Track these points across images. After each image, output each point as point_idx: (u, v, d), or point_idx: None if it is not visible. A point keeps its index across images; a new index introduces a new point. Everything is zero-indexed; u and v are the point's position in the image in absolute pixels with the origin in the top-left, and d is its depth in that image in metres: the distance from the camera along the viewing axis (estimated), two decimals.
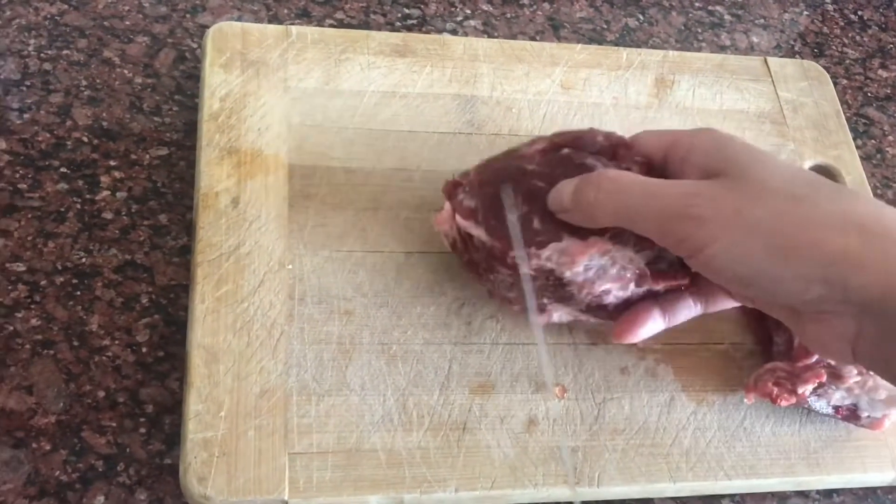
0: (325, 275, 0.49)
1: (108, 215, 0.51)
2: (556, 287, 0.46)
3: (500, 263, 0.46)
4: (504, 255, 0.45)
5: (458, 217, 0.46)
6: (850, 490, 0.52)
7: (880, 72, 0.74)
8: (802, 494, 0.51)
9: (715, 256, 0.40)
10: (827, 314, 0.39)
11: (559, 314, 0.48)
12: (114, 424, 0.45)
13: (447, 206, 0.47)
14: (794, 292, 0.39)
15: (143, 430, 0.46)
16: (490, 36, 0.65)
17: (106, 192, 0.52)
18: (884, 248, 0.37)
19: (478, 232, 0.46)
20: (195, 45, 0.59)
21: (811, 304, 0.39)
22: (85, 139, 0.54)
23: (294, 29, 0.57)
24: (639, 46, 0.67)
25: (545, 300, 0.47)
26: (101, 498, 0.43)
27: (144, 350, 0.48)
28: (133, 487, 0.44)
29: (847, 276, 0.37)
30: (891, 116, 0.72)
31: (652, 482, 0.48)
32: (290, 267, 0.49)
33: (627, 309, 0.47)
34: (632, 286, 0.46)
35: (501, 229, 0.45)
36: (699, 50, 0.70)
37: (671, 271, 0.46)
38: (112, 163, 0.53)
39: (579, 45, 0.62)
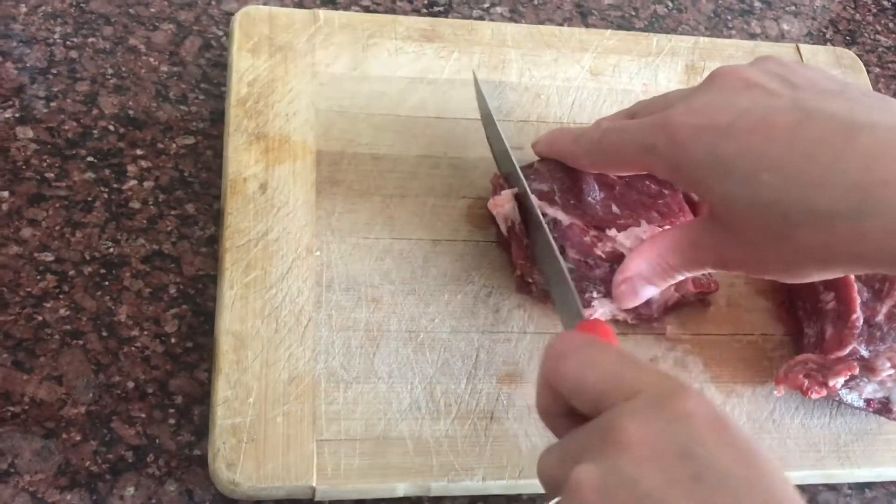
0: (352, 262, 0.49)
1: (136, 205, 0.51)
2: (604, 282, 0.46)
3: (575, 243, 0.46)
4: (583, 233, 0.46)
5: (532, 197, 0.47)
6: (882, 485, 0.51)
7: None
8: (834, 489, 0.51)
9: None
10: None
11: (603, 310, 0.48)
12: (143, 415, 0.45)
13: (506, 190, 0.48)
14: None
15: (172, 421, 0.46)
16: (517, 23, 0.64)
17: (133, 182, 0.52)
18: None
19: (553, 211, 0.46)
20: (220, 33, 0.59)
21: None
22: (111, 128, 0.54)
23: (321, 13, 0.56)
24: (668, 33, 0.66)
25: (593, 293, 0.47)
26: (132, 489, 0.44)
27: (173, 340, 0.48)
28: (163, 478, 0.44)
29: None
30: None
31: None
32: (318, 253, 0.48)
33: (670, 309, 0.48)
34: (672, 290, 0.47)
35: (581, 208, 0.46)
36: (729, 37, 0.69)
37: (704, 278, 0.49)
38: (139, 152, 0.53)
39: (608, 31, 0.61)
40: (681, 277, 0.44)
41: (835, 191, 0.36)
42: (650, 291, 0.45)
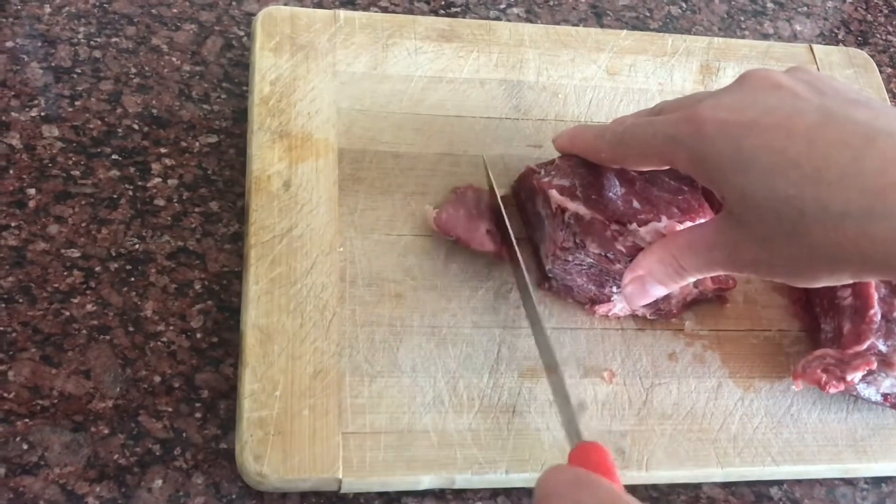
0: (375, 258, 0.49)
1: (160, 202, 0.52)
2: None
3: (596, 238, 0.47)
4: (604, 228, 0.46)
5: (552, 193, 0.48)
6: None
7: None
8: (850, 483, 0.51)
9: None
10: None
11: (622, 306, 0.49)
12: (170, 409, 0.46)
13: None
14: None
15: (198, 415, 0.46)
16: (533, 23, 0.65)
17: (157, 179, 0.53)
18: None
19: (575, 206, 0.47)
20: (242, 33, 0.60)
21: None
22: (135, 126, 0.54)
23: (342, 13, 0.57)
24: (682, 34, 0.67)
25: (613, 288, 0.48)
26: (159, 482, 0.44)
27: (199, 336, 0.48)
28: (190, 472, 0.45)
29: None
30: None
31: (700, 467, 0.48)
32: (342, 249, 0.49)
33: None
34: (690, 286, 0.48)
35: (602, 203, 0.47)
36: (742, 38, 0.70)
37: (723, 276, 0.50)
38: (162, 150, 0.54)
39: (624, 31, 0.62)
40: (691, 279, 0.45)
41: (849, 191, 0.37)
42: (659, 292, 0.45)
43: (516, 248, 0.49)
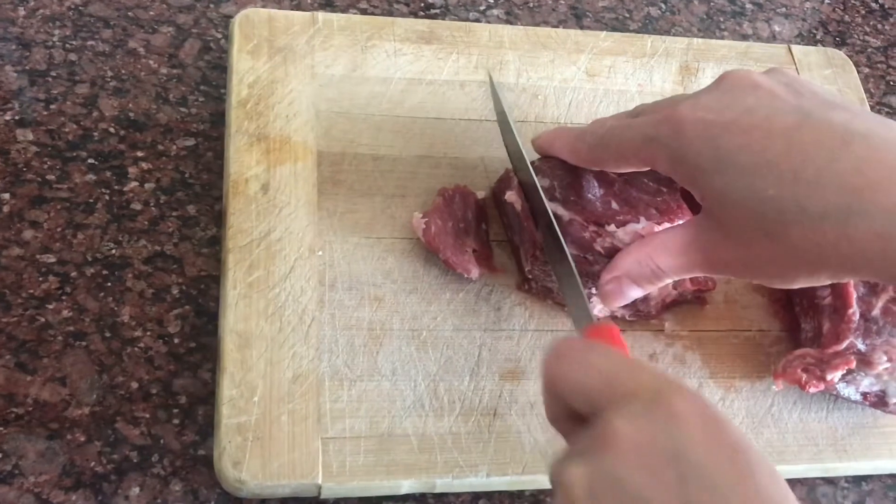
0: (354, 261, 0.49)
1: (137, 206, 0.51)
2: None
3: (575, 239, 0.47)
4: (583, 229, 0.47)
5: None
6: (879, 478, 0.52)
7: None
8: (831, 483, 0.51)
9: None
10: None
11: (601, 307, 0.49)
12: (147, 415, 0.46)
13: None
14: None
15: (176, 422, 0.46)
16: (513, 25, 0.65)
17: (134, 183, 0.52)
18: None
19: (553, 207, 0.47)
20: (219, 36, 0.59)
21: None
22: (112, 130, 0.54)
23: (320, 15, 0.57)
24: (662, 35, 0.67)
25: (592, 289, 0.48)
26: (137, 489, 0.44)
27: (176, 341, 0.48)
28: (168, 478, 0.44)
29: None
30: None
31: None
32: (321, 253, 0.49)
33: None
34: (670, 287, 0.48)
35: (581, 204, 0.47)
36: (721, 38, 0.70)
37: (702, 277, 0.50)
38: (139, 154, 0.53)
39: (604, 33, 0.62)
40: (668, 281, 0.45)
41: (827, 191, 0.37)
42: (636, 293, 0.45)
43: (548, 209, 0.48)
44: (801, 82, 0.42)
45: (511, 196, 0.49)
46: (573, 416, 0.35)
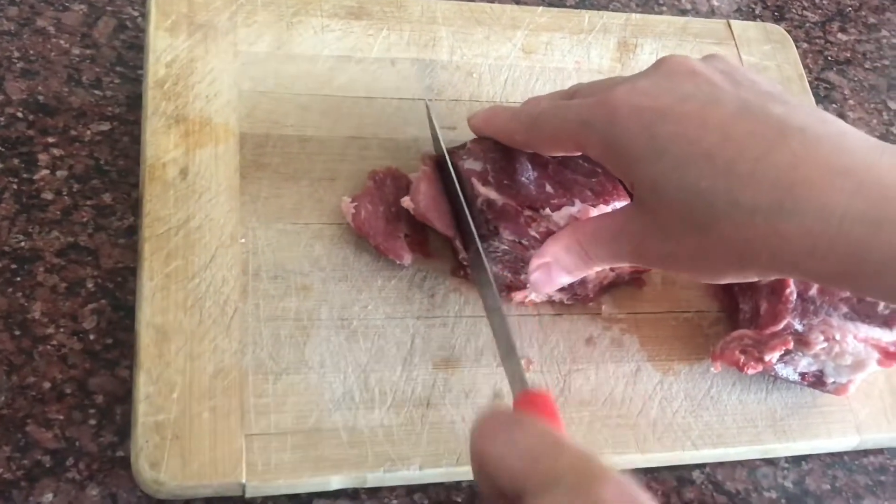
0: (280, 248, 0.47)
1: (48, 195, 0.49)
2: None
3: (510, 224, 0.45)
4: (517, 214, 0.45)
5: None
6: (818, 457, 0.52)
7: (839, 35, 0.74)
8: (771, 463, 0.51)
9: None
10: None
11: (537, 292, 0.47)
12: (61, 417, 0.43)
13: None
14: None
15: (92, 422, 0.43)
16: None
17: (45, 171, 0.49)
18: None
19: (487, 191, 0.45)
20: (136, 13, 0.56)
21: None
22: (20, 115, 0.51)
23: None
24: (599, 10, 0.65)
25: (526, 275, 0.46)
26: (50, 495, 0.41)
27: (92, 337, 0.45)
28: (84, 483, 0.42)
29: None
30: (850, 80, 0.71)
31: (619, 453, 0.47)
32: (243, 241, 0.46)
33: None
34: (607, 269, 0.47)
35: (515, 188, 0.45)
36: (660, 13, 0.69)
37: None
38: (50, 140, 0.50)
39: (540, 8, 0.60)
40: (597, 269, 0.44)
41: (760, 185, 0.36)
42: (565, 280, 0.44)
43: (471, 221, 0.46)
44: (740, 71, 0.41)
45: (406, 202, 0.47)
46: (502, 493, 0.33)
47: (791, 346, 0.48)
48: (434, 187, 0.47)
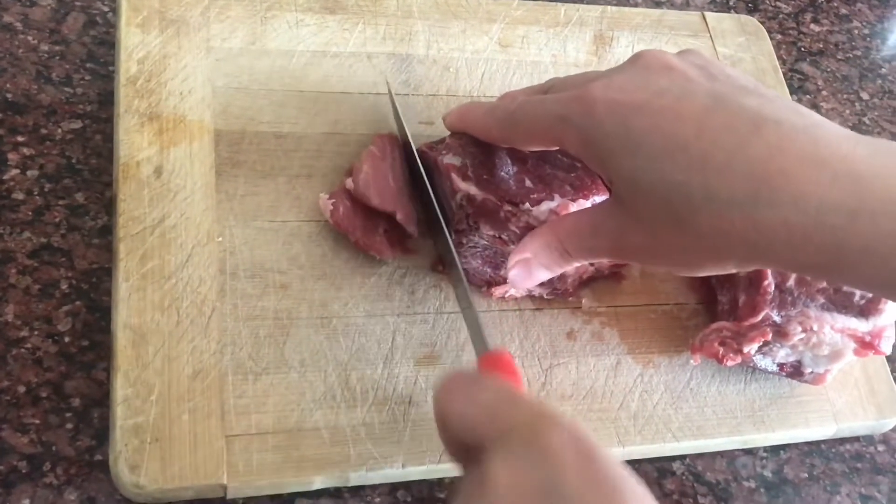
0: (257, 247, 0.46)
1: (19, 196, 0.48)
2: None
3: (489, 219, 0.45)
4: (497, 209, 0.45)
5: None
6: (796, 446, 0.52)
7: (812, 26, 0.74)
8: (750, 453, 0.51)
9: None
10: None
11: (516, 288, 0.47)
12: (37, 421, 0.42)
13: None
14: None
15: (69, 426, 0.43)
16: None
17: (15, 171, 0.48)
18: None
19: (466, 186, 0.45)
20: (106, 9, 0.55)
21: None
22: None
23: None
24: (575, 3, 0.65)
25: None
26: (27, 501, 0.41)
27: (67, 340, 0.44)
28: (61, 488, 0.41)
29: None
30: (824, 71, 0.72)
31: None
32: (220, 239, 0.46)
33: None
34: (587, 265, 0.47)
35: (494, 183, 0.45)
36: (636, 6, 0.69)
37: None
38: (20, 138, 0.49)
39: (516, 2, 0.60)
40: (576, 264, 0.44)
41: (735, 178, 0.36)
42: (544, 276, 0.44)
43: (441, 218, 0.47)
44: (715, 65, 0.41)
45: (348, 182, 0.48)
46: (466, 448, 0.34)
47: (769, 337, 0.48)
48: (379, 168, 0.47)
